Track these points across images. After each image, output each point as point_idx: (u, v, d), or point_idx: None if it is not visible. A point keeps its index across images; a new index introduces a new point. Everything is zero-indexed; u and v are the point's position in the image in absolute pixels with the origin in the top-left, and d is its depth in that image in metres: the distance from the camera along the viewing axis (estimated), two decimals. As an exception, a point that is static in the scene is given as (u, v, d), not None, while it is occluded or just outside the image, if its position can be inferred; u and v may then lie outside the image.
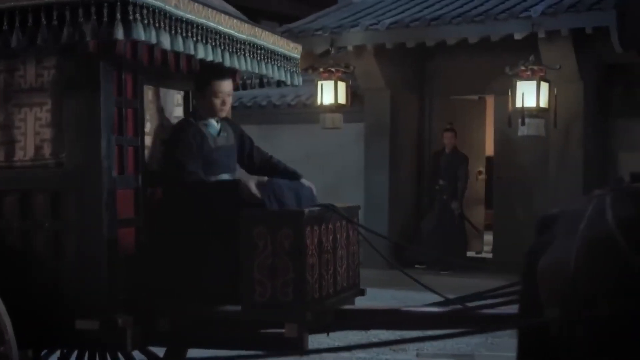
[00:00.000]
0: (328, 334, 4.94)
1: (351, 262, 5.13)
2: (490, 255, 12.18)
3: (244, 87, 6.06)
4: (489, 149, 12.98)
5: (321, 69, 11.05)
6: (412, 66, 12.14)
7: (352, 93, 11.48)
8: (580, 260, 3.72)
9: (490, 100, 12.66)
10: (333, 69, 11.16)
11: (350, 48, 11.28)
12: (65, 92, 4.56)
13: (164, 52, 5.10)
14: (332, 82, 11.21)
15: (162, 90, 5.17)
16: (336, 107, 11.33)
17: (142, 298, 4.60)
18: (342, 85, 11.26)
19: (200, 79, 5.08)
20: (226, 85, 5.06)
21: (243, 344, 4.61)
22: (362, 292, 5.24)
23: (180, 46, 4.46)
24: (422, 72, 12.30)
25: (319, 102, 11.35)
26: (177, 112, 5.33)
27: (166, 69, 5.14)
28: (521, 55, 10.14)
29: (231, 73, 5.33)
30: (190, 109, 5.31)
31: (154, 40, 4.27)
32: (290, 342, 4.43)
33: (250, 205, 4.56)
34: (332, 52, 11.19)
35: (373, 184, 11.90)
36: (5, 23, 4.30)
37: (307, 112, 12.58)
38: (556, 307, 3.79)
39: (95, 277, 4.46)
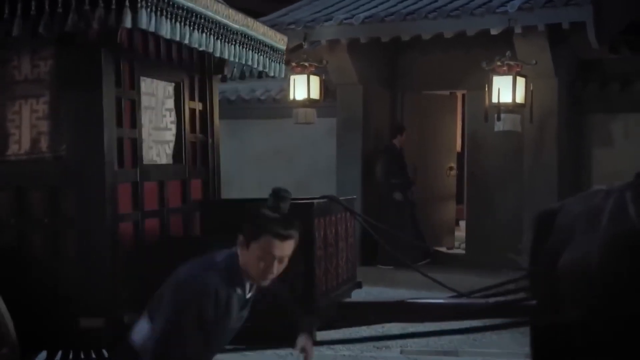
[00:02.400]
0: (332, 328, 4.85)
1: (349, 254, 5.07)
2: (462, 252, 12.18)
3: (224, 80, 5.97)
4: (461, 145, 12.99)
5: (294, 64, 10.93)
6: (384, 61, 12.09)
7: (324, 88, 11.39)
8: (604, 257, 3.69)
9: (462, 96, 12.68)
10: (306, 64, 11.05)
11: (323, 42, 11.19)
12: (65, 83, 4.40)
13: (157, 42, 5.00)
14: (304, 77, 11.10)
15: (154, 82, 5.04)
16: (309, 102, 11.23)
17: (145, 295, 4.47)
18: (315, 80, 11.16)
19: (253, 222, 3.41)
20: (287, 248, 3.43)
21: (250, 339, 4.51)
22: (359, 285, 5.19)
23: (183, 36, 4.35)
24: (394, 66, 12.25)
25: (291, 96, 11.25)
26: (168, 104, 5.21)
27: (159, 60, 5.02)
28: (495, 50, 10.13)
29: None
30: (182, 100, 5.19)
31: (160, 29, 4.14)
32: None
33: None
34: (305, 46, 11.07)
35: (345, 179, 11.82)
36: (6, 11, 4.12)
37: (276, 107, 12.49)
38: (579, 305, 3.76)
39: (98, 273, 4.33)
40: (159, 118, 5.03)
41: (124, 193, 4.57)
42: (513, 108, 9.97)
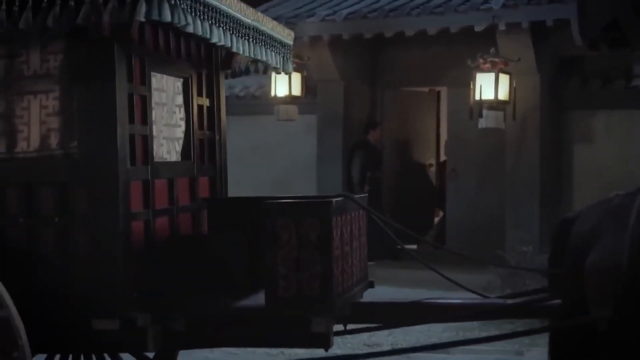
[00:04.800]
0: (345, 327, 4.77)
1: (362, 253, 5.00)
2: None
3: (234, 75, 5.89)
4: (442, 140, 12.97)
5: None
6: (365, 57, 12.05)
7: (306, 84, 11.32)
8: (634, 255, 3.67)
9: (442, 93, 12.67)
10: (287, 60, 10.94)
11: (305, 39, 11.11)
12: (76, 78, 4.27)
13: (166, 37, 4.89)
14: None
15: (164, 77, 4.93)
16: (290, 99, 11.15)
17: (157, 295, 4.37)
18: (296, 77, 11.08)
19: None
20: None
21: (265, 341, 4.43)
22: (371, 285, 5.12)
23: (198, 29, 4.24)
24: (375, 63, 12.21)
25: (272, 93, 11.16)
26: (178, 100, 5.11)
27: (168, 55, 4.91)
28: (477, 47, 10.14)
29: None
30: (190, 96, 5.11)
31: (177, 21, 4.03)
32: (316, 337, 4.26)
33: None
34: (287, 42, 10.97)
35: (326, 176, 11.77)
36: (16, 3, 3.98)
37: (256, 103, 12.40)
38: (607, 305, 3.73)
39: (111, 274, 4.21)
40: (169, 114, 4.92)
41: (136, 191, 4.45)
42: (496, 105, 9.98)
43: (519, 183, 10.62)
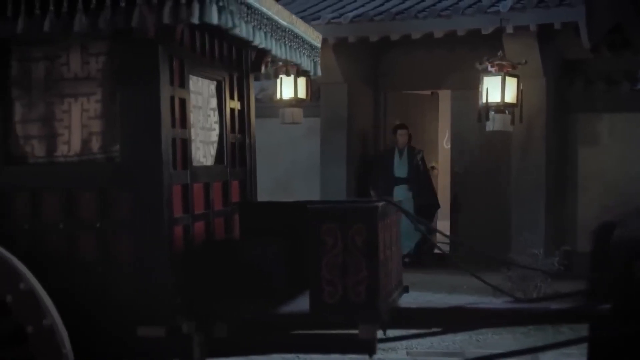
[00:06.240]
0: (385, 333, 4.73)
1: (398, 258, 4.96)
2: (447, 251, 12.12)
3: (257, 78, 5.84)
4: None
5: (280, 63, 10.76)
6: (368, 60, 12.01)
7: (311, 87, 11.26)
8: None
9: (445, 95, 12.65)
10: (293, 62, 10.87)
11: (310, 41, 11.03)
12: (119, 80, 4.21)
13: (202, 39, 4.84)
14: (291, 76, 10.94)
15: (200, 80, 4.88)
16: (295, 102, 11.09)
17: (199, 301, 4.31)
18: (302, 79, 11.01)
19: None
20: None
21: (308, 347, 4.38)
22: (407, 290, 5.08)
23: (242, 31, 4.19)
24: (378, 65, 12.17)
25: (278, 96, 11.10)
26: (212, 103, 5.05)
27: (204, 58, 4.86)
28: (481, 50, 10.12)
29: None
30: (223, 99, 5.06)
31: (225, 23, 3.97)
32: (362, 343, 4.22)
33: None
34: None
35: (330, 178, 11.73)
36: (65, 4, 3.92)
37: (258, 106, 12.26)
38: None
39: (156, 280, 4.15)
40: (204, 118, 4.87)
41: (177, 196, 4.40)
42: (503, 108, 9.96)
43: (524, 186, 10.61)
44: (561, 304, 4.43)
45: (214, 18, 3.83)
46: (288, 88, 10.98)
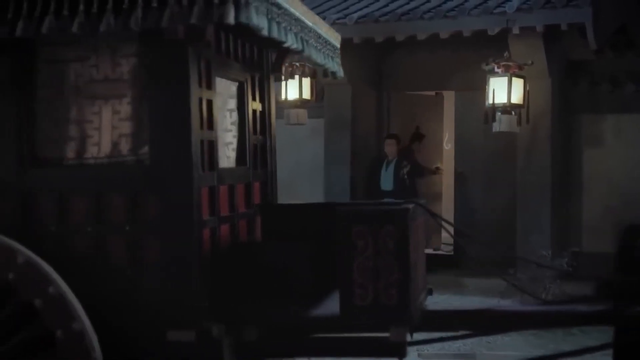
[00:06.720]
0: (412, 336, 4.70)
1: (423, 260, 4.94)
2: (450, 252, 12.12)
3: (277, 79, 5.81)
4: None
5: (286, 64, 10.70)
6: (372, 60, 11.98)
7: (316, 88, 11.21)
8: None
9: (449, 96, 12.63)
10: (297, 63, 10.83)
11: (314, 42, 10.99)
12: (149, 82, 4.17)
13: (227, 40, 4.80)
14: (296, 77, 10.89)
15: (222, 81, 4.84)
16: (300, 103, 11.04)
17: (227, 305, 4.27)
18: (306, 80, 10.96)
19: None
20: None
21: (338, 350, 4.35)
22: (431, 292, 5.05)
23: (274, 32, 4.14)
24: (382, 66, 12.14)
25: (283, 97, 11.05)
26: (230, 104, 5.01)
27: (228, 58, 4.82)
28: (486, 51, 10.09)
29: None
30: (245, 100, 5.02)
31: (258, 24, 3.92)
32: (393, 346, 4.19)
33: None
34: (298, 46, 10.86)
35: (334, 179, 11.69)
36: (94, 6, 3.87)
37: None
38: None
39: (185, 283, 4.10)
40: (222, 119, 4.82)
41: (205, 198, 4.36)
42: (509, 109, 9.94)
43: (529, 187, 10.59)
44: (589, 307, 4.41)
45: (251, 19, 3.78)
46: (293, 89, 10.93)
